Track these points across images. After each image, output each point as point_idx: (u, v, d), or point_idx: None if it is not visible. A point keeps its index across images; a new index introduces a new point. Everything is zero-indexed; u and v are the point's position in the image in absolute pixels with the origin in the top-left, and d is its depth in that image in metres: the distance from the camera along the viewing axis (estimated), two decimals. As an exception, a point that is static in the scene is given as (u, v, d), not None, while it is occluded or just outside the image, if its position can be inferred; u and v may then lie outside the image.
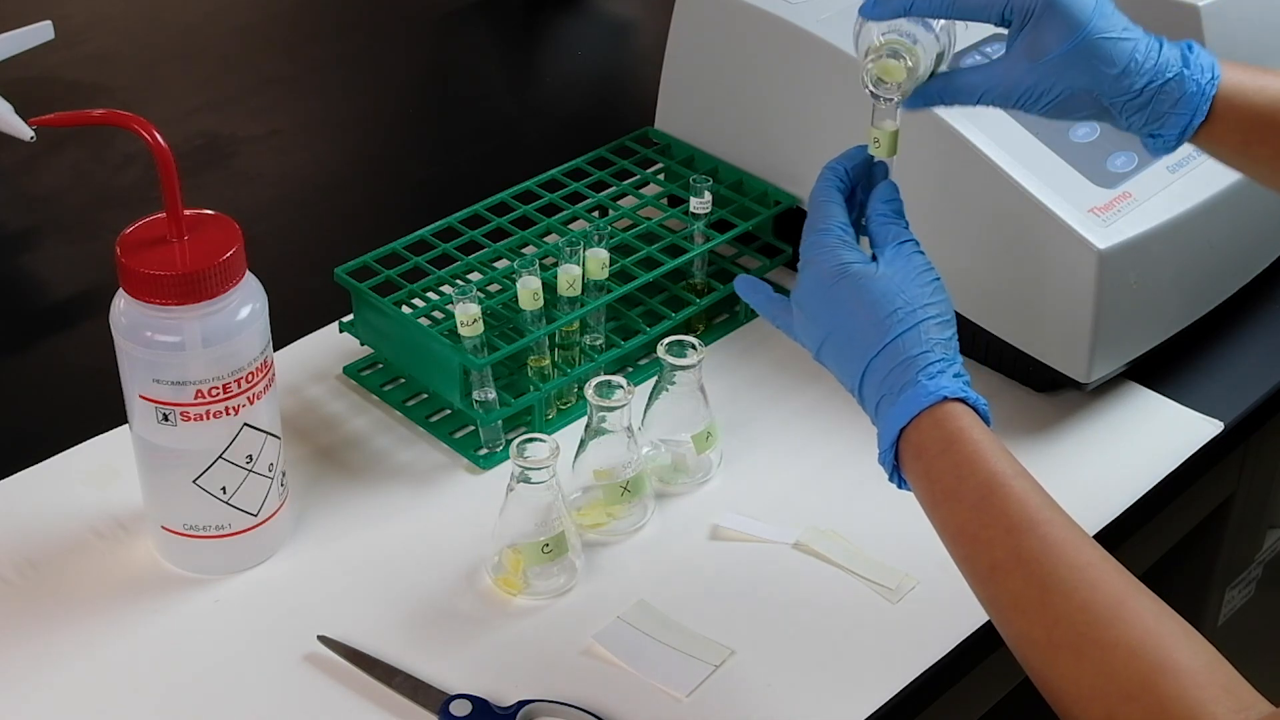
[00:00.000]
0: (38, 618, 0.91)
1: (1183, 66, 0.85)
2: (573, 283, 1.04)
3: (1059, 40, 0.85)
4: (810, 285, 0.84)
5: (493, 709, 0.85)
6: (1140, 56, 0.85)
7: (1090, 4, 0.85)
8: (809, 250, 0.85)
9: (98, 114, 0.91)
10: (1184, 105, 0.86)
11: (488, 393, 1.01)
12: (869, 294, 0.82)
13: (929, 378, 0.80)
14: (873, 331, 0.82)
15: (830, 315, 0.83)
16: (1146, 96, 0.85)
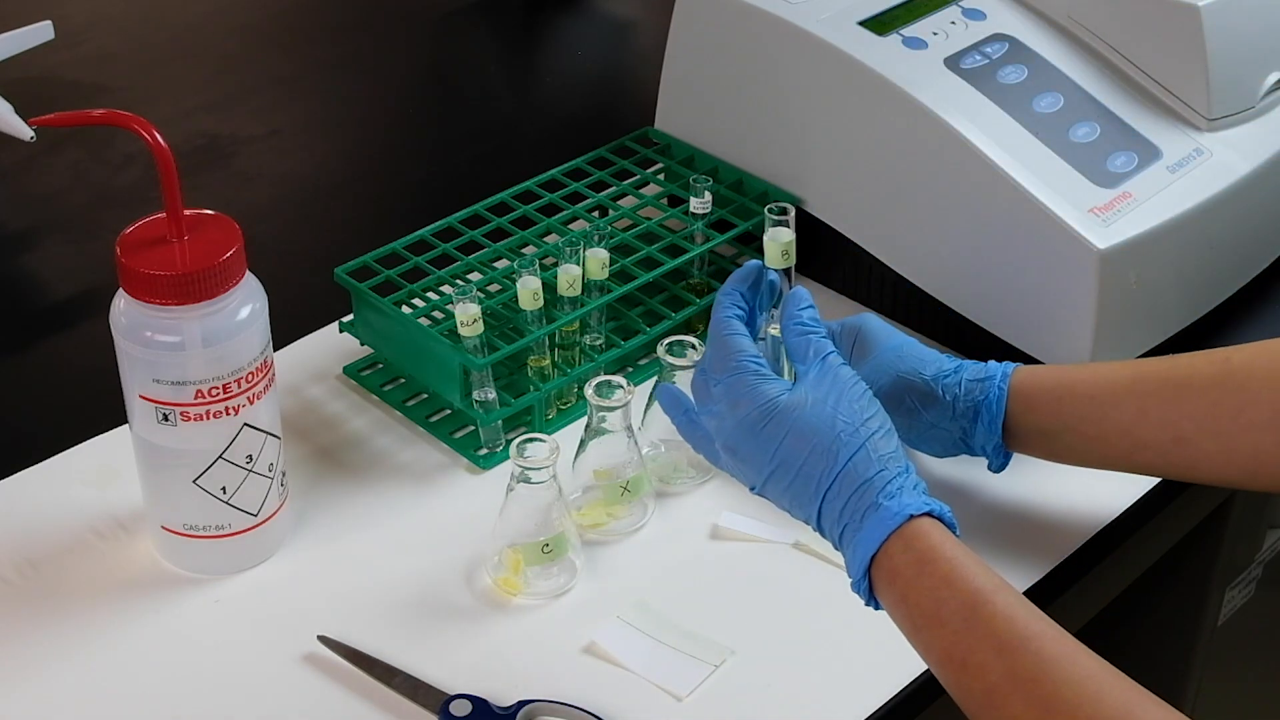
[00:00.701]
0: (38, 618, 0.91)
1: (985, 365, 0.94)
2: (573, 283, 1.04)
3: (876, 344, 0.95)
4: (738, 429, 0.84)
5: (493, 709, 0.85)
6: (947, 359, 0.94)
7: (895, 333, 0.96)
8: (728, 392, 0.85)
9: (98, 114, 0.91)
10: (991, 371, 0.93)
11: (488, 393, 1.01)
12: (806, 425, 0.82)
13: (889, 497, 0.79)
14: (819, 462, 0.81)
15: (768, 455, 0.83)
16: (958, 370, 0.93)
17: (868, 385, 0.86)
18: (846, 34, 1.09)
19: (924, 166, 1.06)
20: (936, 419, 0.93)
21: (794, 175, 1.15)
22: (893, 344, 0.95)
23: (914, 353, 0.95)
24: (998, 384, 0.92)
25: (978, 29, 1.11)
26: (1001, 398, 0.92)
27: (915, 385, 0.93)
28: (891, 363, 0.94)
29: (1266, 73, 1.12)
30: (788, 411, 0.83)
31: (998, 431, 0.92)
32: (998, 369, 0.93)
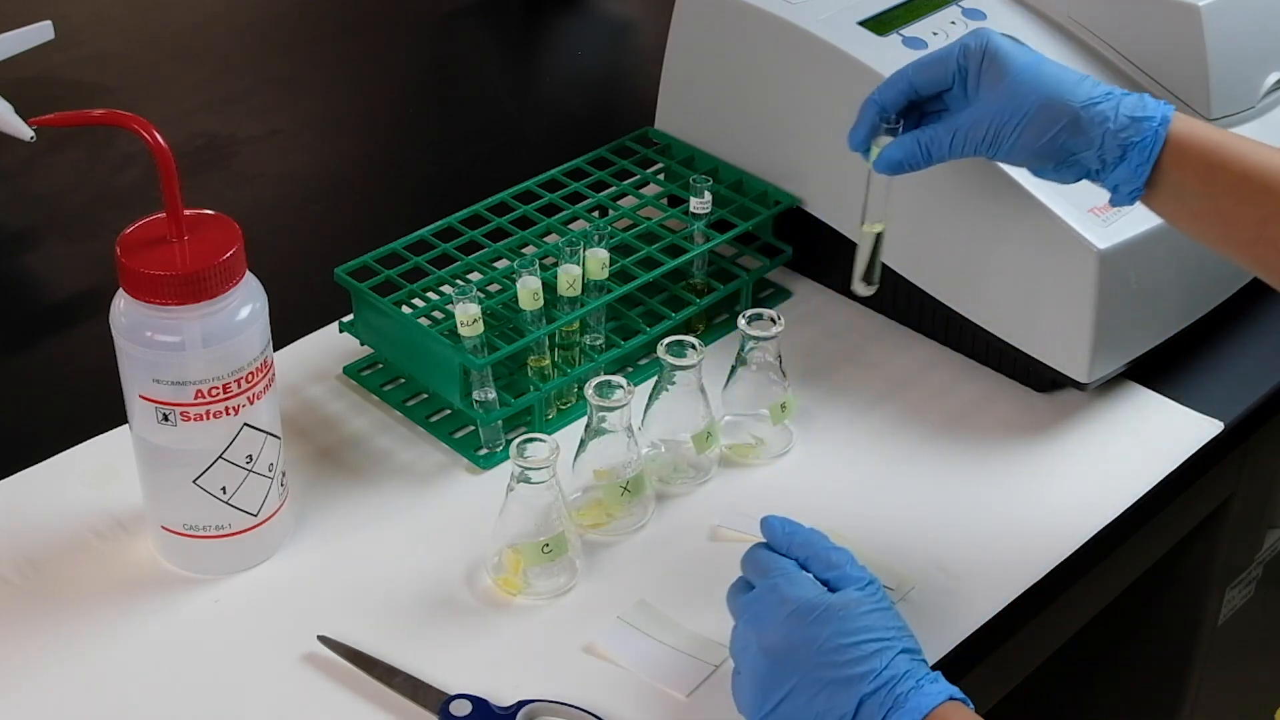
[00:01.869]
0: (38, 618, 0.91)
1: (1140, 97, 0.89)
2: (573, 283, 1.04)
3: (1018, 56, 0.90)
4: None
5: (493, 709, 0.85)
6: (1093, 82, 0.89)
7: (1025, 48, 0.92)
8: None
9: (98, 114, 0.91)
10: (1151, 108, 0.88)
11: (488, 393, 1.01)
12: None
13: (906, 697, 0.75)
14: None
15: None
16: (1113, 99, 0.88)
17: (1012, 112, 0.88)
18: (846, 34, 1.09)
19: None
20: (1082, 148, 0.89)
21: (794, 175, 1.15)
22: (1023, 63, 0.90)
23: (1054, 73, 0.89)
24: (1155, 128, 0.87)
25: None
26: (1156, 145, 0.87)
27: (1064, 113, 0.88)
28: (1033, 86, 0.89)
29: (1266, 73, 1.12)
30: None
31: (1143, 176, 0.88)
32: (1156, 109, 0.88)
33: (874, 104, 0.95)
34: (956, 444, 1.04)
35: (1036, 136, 0.89)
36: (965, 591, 0.93)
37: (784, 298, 1.17)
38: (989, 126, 0.90)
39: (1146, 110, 0.88)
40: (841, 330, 1.14)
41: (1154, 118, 0.88)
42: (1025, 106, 0.89)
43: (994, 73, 0.90)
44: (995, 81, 0.90)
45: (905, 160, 0.93)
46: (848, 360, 1.11)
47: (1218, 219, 0.89)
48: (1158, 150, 0.88)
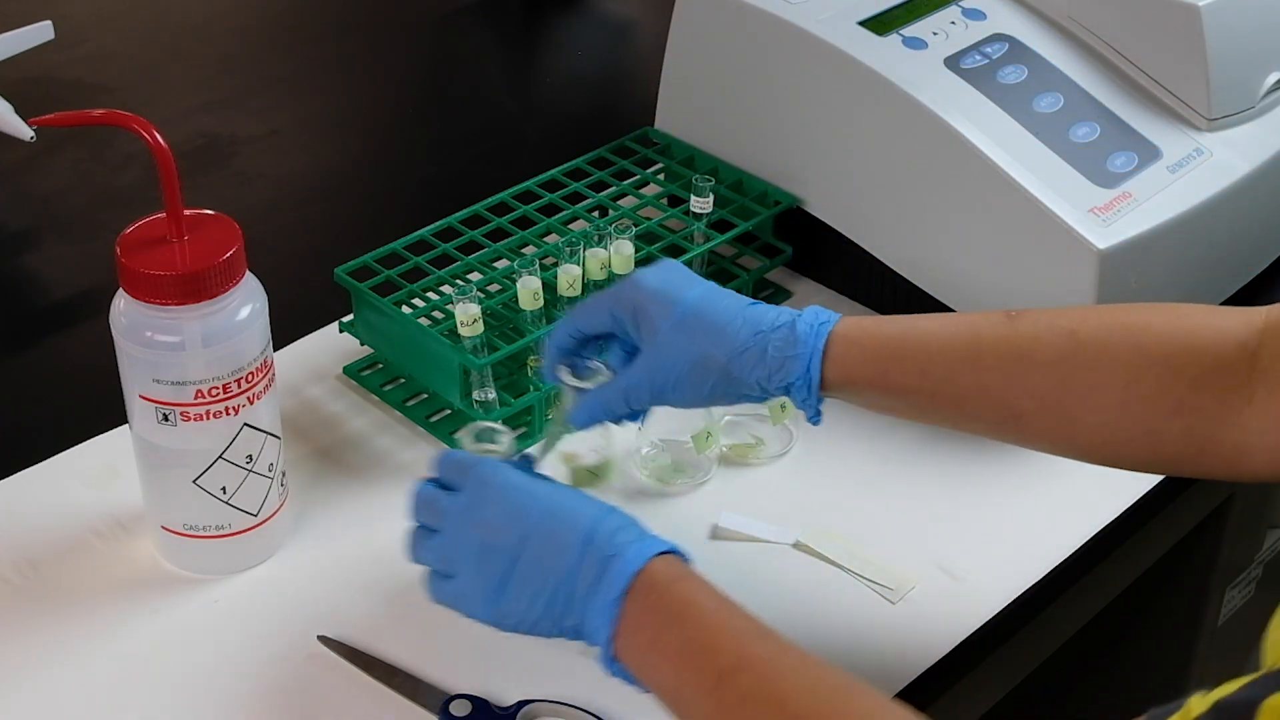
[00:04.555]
0: (38, 618, 0.91)
1: (795, 316, 0.85)
2: (573, 283, 1.04)
3: (665, 314, 0.85)
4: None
5: (493, 709, 0.85)
6: (748, 313, 0.85)
7: (684, 279, 0.87)
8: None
9: (98, 114, 0.91)
10: (801, 345, 0.84)
11: (488, 393, 1.01)
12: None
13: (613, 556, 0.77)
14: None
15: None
16: (760, 344, 0.84)
17: (665, 371, 0.85)
18: (846, 34, 1.09)
19: (924, 166, 1.06)
20: (743, 392, 0.86)
21: (794, 175, 1.15)
22: (676, 317, 0.85)
23: (703, 325, 0.85)
24: (807, 360, 0.83)
25: (978, 29, 1.11)
26: (814, 375, 0.84)
27: (712, 368, 0.85)
28: (681, 344, 0.85)
29: (1266, 73, 1.12)
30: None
31: (814, 405, 0.85)
32: (808, 338, 0.84)
33: (552, 348, 0.90)
34: (956, 443, 1.03)
35: (696, 392, 0.85)
36: (965, 591, 0.93)
37: (784, 298, 1.17)
38: (649, 389, 0.86)
39: (796, 344, 0.84)
40: (841, 330, 1.14)
41: (804, 350, 0.84)
42: (677, 367, 0.85)
43: (648, 327, 0.86)
44: (650, 336, 0.86)
45: (591, 422, 0.90)
46: (848, 360, 1.11)
47: (916, 412, 0.86)
48: (817, 379, 0.84)
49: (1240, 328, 0.79)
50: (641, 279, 0.87)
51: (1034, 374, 0.81)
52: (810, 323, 0.85)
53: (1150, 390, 0.79)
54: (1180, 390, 0.79)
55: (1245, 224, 1.11)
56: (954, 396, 0.83)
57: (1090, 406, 0.81)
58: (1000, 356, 0.82)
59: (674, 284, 0.87)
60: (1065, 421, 0.82)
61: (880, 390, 0.84)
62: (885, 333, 0.85)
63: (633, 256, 1.06)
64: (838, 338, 0.84)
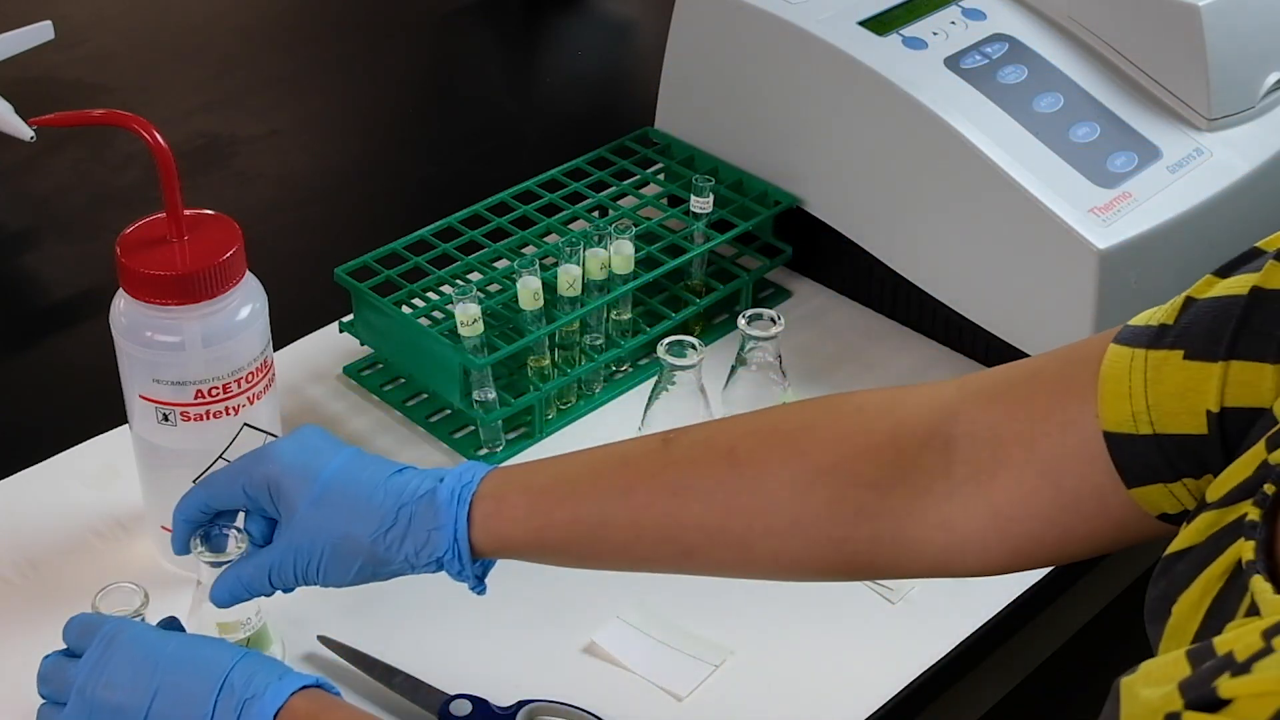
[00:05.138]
0: (38, 618, 0.91)
1: (437, 483, 0.78)
2: (573, 283, 1.04)
3: (302, 492, 0.79)
4: None
5: (493, 709, 0.85)
6: (390, 484, 0.79)
7: (324, 449, 0.80)
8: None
9: (98, 114, 0.91)
10: (443, 515, 0.77)
11: (488, 393, 1.01)
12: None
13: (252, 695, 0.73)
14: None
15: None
16: (403, 518, 0.78)
17: (307, 553, 0.79)
18: (846, 34, 1.09)
19: (924, 166, 1.06)
20: (398, 572, 0.80)
21: (794, 175, 1.15)
22: (313, 494, 0.79)
23: (342, 503, 0.78)
24: (452, 535, 0.77)
25: (978, 29, 1.11)
26: (462, 551, 0.77)
27: (357, 550, 0.78)
28: (319, 524, 0.79)
29: (1266, 73, 1.12)
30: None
31: (471, 576, 0.79)
32: (450, 507, 0.77)
33: (179, 521, 0.83)
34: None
35: (342, 573, 0.79)
36: (965, 591, 0.93)
37: (784, 298, 1.17)
38: (293, 570, 0.79)
39: (438, 517, 0.77)
40: (841, 330, 1.14)
41: (448, 523, 0.77)
42: (319, 549, 0.79)
43: (285, 504, 0.79)
44: (289, 514, 0.79)
45: (234, 600, 0.81)
46: (848, 360, 1.11)
47: (588, 562, 0.79)
48: (466, 553, 0.77)
49: (925, 414, 0.73)
50: (276, 452, 0.80)
51: (694, 507, 0.75)
52: (452, 488, 0.78)
53: (823, 502, 0.73)
54: (858, 495, 0.72)
55: (1245, 224, 1.11)
56: (616, 544, 0.77)
57: (760, 530, 0.74)
58: (655, 492, 0.76)
59: (312, 456, 0.80)
60: (739, 549, 0.75)
61: (538, 549, 0.78)
62: (534, 486, 0.78)
63: (633, 256, 1.06)
64: (482, 499, 0.78)
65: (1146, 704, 0.51)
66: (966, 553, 0.71)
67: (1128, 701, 0.53)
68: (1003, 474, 0.70)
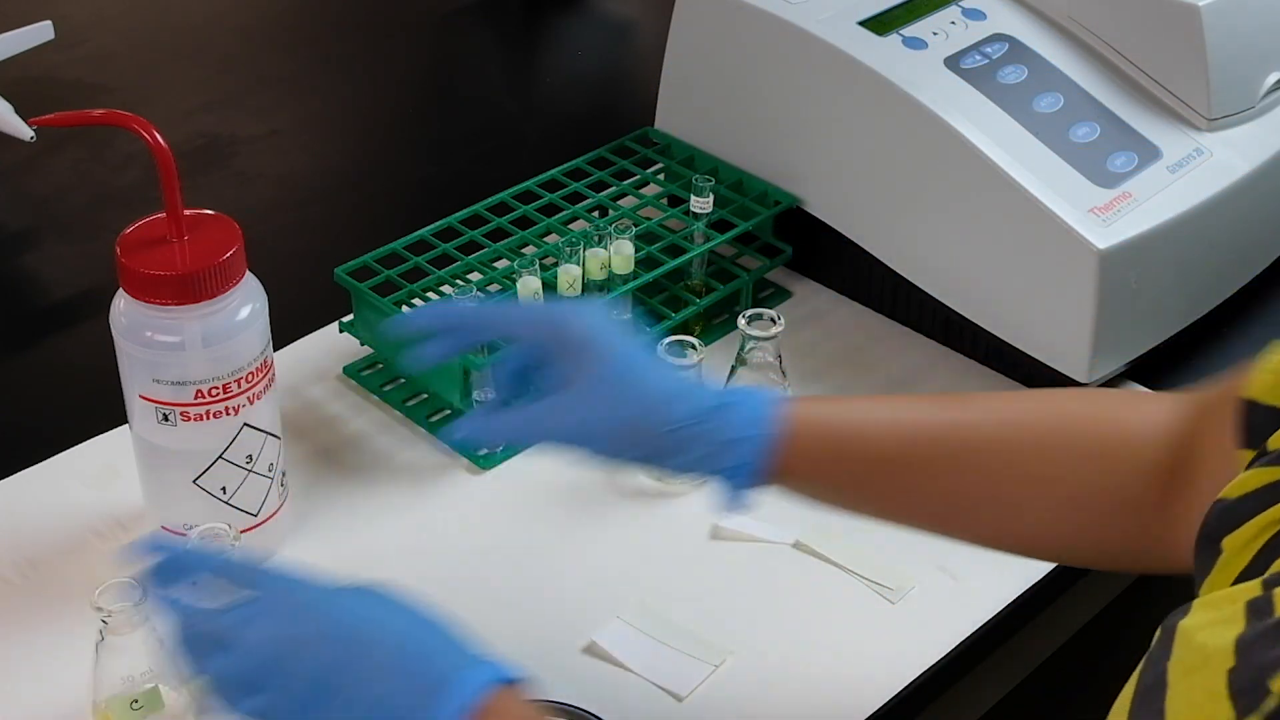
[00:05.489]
0: (38, 618, 0.91)
1: (738, 397, 0.79)
2: (573, 283, 1.04)
3: (591, 361, 0.78)
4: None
5: (493, 709, 0.84)
6: (692, 383, 0.80)
7: (610, 327, 0.80)
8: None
9: (98, 114, 0.91)
10: (744, 428, 0.78)
11: (488, 393, 1.01)
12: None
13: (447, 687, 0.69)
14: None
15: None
16: (694, 432, 0.77)
17: (595, 423, 0.78)
18: (846, 34, 1.09)
19: (924, 166, 1.06)
20: (677, 470, 0.80)
21: (794, 175, 1.15)
22: (607, 369, 0.79)
23: (638, 389, 0.79)
24: (743, 453, 0.78)
25: (978, 29, 1.11)
26: (751, 470, 0.78)
27: (648, 437, 0.78)
28: (611, 401, 0.79)
29: (1266, 73, 1.12)
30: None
31: (745, 495, 0.80)
32: (746, 426, 0.78)
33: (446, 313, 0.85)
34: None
35: (620, 453, 0.79)
36: (965, 592, 0.93)
37: (784, 298, 1.17)
38: (572, 439, 0.80)
39: (734, 430, 0.78)
40: (841, 330, 1.14)
41: (742, 438, 0.78)
42: (605, 424, 0.78)
43: (578, 364, 0.79)
44: (577, 373, 0.79)
45: (479, 442, 0.83)
46: (848, 360, 1.11)
47: (869, 508, 0.81)
48: (756, 467, 0.78)
49: (1168, 418, 0.76)
50: (572, 313, 0.81)
51: (979, 461, 0.78)
52: (749, 409, 0.79)
53: (1096, 481, 0.76)
54: (1123, 483, 0.76)
55: (1245, 224, 1.11)
56: (891, 489, 0.79)
57: (1033, 500, 0.77)
58: (945, 451, 0.78)
59: (606, 328, 0.81)
60: (1009, 513, 0.78)
61: (821, 479, 0.80)
62: (827, 418, 0.79)
63: (632, 256, 1.06)
64: (779, 421, 0.78)
65: (1201, 649, 0.51)
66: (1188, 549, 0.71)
67: (1181, 646, 0.53)
68: (1198, 478, 0.73)
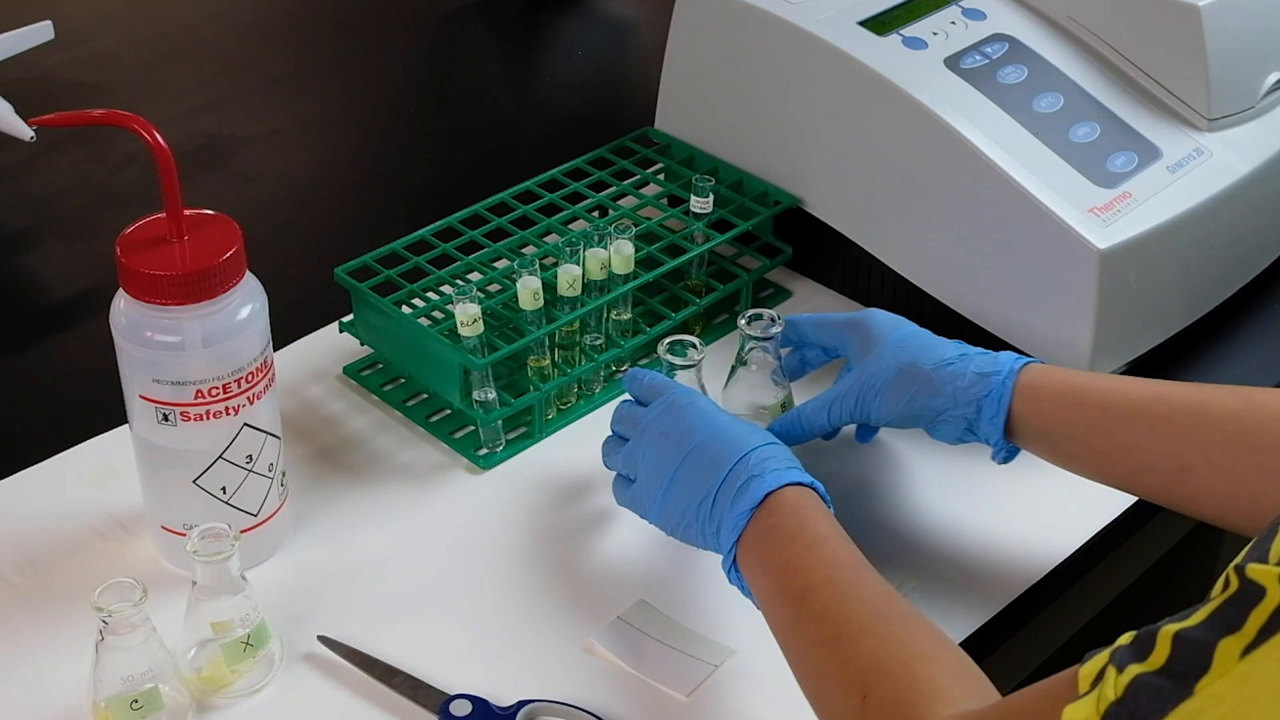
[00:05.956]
0: (38, 618, 0.91)
1: (996, 353, 0.93)
2: (573, 283, 1.04)
3: (888, 335, 0.96)
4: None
5: (493, 709, 0.85)
6: (958, 344, 0.95)
7: (908, 321, 0.97)
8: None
9: (98, 114, 0.91)
10: (1000, 365, 0.92)
11: (488, 393, 1.01)
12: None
13: (756, 477, 0.86)
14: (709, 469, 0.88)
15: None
16: (963, 362, 0.92)
17: (874, 378, 0.94)
18: (846, 34, 1.09)
19: (924, 166, 1.06)
20: (941, 408, 0.92)
21: (794, 175, 1.15)
22: (896, 336, 0.95)
23: (917, 343, 0.95)
24: (1002, 380, 0.91)
25: (978, 29, 1.11)
26: (1004, 396, 0.90)
27: (916, 375, 0.93)
28: (894, 354, 0.94)
29: (1266, 73, 1.12)
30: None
31: (1000, 428, 0.91)
32: (1006, 363, 0.92)
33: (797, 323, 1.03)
34: (957, 444, 1.03)
35: (896, 399, 0.93)
36: (965, 591, 0.93)
37: (784, 298, 1.17)
38: (856, 395, 0.95)
39: (996, 365, 0.92)
40: (841, 330, 1.14)
41: (1000, 371, 0.91)
42: (885, 373, 0.94)
43: (869, 344, 0.96)
44: (867, 352, 0.96)
45: (789, 436, 0.98)
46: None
47: (1092, 456, 0.89)
48: (1007, 400, 0.90)
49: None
50: (875, 314, 0.99)
51: (1205, 428, 0.84)
52: (1009, 355, 0.92)
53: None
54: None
55: (1245, 224, 1.11)
56: (1126, 443, 0.87)
57: (1257, 466, 0.82)
58: (1175, 408, 0.85)
59: (900, 322, 0.98)
60: (1233, 481, 0.83)
61: (1059, 428, 0.90)
62: (1071, 383, 0.91)
63: (633, 256, 1.06)
64: (1031, 369, 0.91)
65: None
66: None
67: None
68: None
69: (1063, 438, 0.90)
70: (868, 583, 0.79)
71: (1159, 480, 0.86)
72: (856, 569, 0.80)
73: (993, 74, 1.08)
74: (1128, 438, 0.87)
